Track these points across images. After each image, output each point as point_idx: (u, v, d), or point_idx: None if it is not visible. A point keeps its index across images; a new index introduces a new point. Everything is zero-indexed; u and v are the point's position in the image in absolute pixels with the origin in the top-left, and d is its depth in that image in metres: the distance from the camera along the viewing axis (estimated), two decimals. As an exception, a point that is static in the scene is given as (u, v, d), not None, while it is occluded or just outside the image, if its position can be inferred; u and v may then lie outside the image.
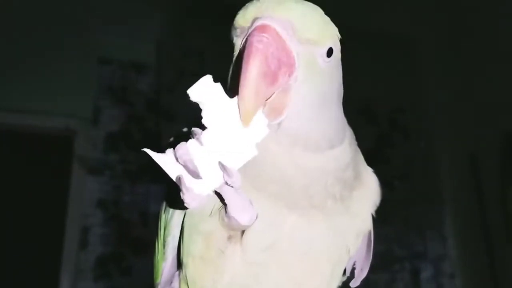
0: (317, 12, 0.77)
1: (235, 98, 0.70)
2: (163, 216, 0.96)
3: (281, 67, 0.70)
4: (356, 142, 0.91)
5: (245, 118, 0.69)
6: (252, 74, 0.67)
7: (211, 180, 0.71)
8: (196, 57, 3.93)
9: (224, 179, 0.71)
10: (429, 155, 4.47)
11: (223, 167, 0.70)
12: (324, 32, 0.76)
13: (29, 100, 3.54)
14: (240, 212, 0.76)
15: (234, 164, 0.70)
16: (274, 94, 0.72)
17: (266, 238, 0.82)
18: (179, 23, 3.90)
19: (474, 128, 4.21)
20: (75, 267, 3.34)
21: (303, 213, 0.82)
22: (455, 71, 4.48)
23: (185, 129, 0.84)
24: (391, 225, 3.97)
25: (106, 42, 3.75)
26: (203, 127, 0.72)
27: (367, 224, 0.93)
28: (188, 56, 3.95)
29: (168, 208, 0.93)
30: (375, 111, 4.36)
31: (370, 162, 0.96)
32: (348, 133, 0.88)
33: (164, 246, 0.93)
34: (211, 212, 0.81)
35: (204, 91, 0.70)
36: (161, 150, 1.00)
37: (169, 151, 0.72)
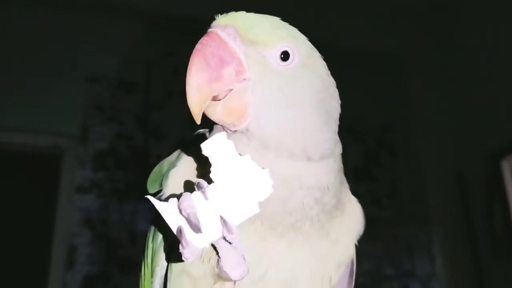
0: (266, 18, 0.81)
1: (246, 156, 0.73)
2: (150, 245, 0.94)
3: (223, 65, 0.75)
4: (342, 168, 0.89)
5: (193, 113, 0.74)
6: (191, 71, 0.76)
7: (210, 233, 0.71)
8: (185, 75, 3.93)
9: (223, 234, 0.72)
10: (416, 173, 4.50)
11: (224, 222, 0.70)
12: (270, 34, 0.80)
13: (18, 118, 3.53)
14: (233, 267, 0.76)
15: (234, 221, 0.71)
16: (228, 95, 0.76)
17: (258, 269, 0.82)
18: (168, 41, 3.92)
19: (461, 147, 4.25)
20: (62, 286, 3.30)
21: (283, 235, 0.81)
22: (442, 90, 4.53)
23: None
24: (379, 243, 3.97)
25: (95, 60, 3.75)
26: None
27: (349, 253, 0.92)
28: (177, 75, 3.95)
29: (156, 237, 0.91)
30: (362, 130, 4.38)
31: (358, 180, 0.96)
32: (337, 155, 0.86)
33: (151, 275, 0.92)
34: (203, 259, 0.81)
35: (216, 147, 0.72)
36: (149, 168, 1.00)
37: (173, 200, 0.72)
